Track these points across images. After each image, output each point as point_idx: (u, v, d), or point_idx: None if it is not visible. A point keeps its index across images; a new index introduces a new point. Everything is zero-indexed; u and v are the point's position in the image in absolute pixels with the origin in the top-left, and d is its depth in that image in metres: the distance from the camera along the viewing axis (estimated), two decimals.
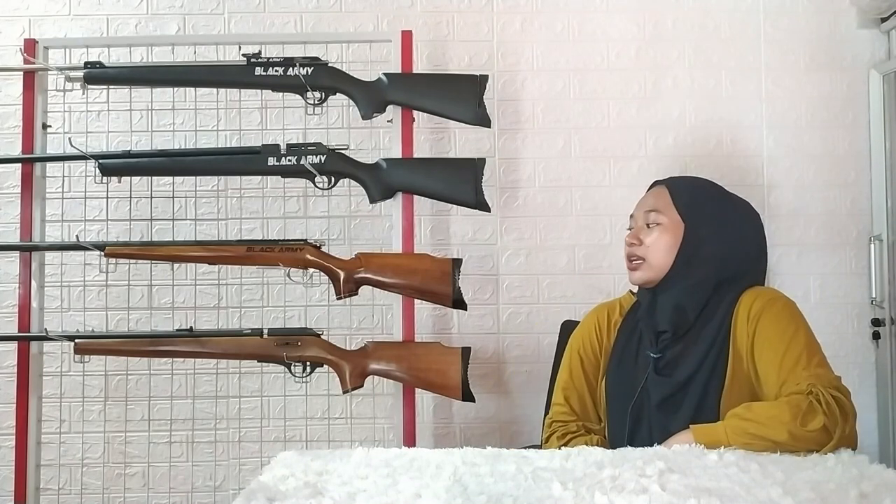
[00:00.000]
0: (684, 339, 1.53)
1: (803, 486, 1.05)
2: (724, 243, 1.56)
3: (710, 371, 1.48)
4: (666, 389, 1.50)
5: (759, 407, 1.34)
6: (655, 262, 1.55)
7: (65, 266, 2.28)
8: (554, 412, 1.66)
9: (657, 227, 1.57)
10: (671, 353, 1.53)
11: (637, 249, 1.58)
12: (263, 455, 2.25)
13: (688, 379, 1.48)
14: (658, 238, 1.56)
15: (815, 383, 1.34)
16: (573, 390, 1.65)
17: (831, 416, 1.29)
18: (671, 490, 1.02)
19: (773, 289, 1.60)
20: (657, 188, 1.63)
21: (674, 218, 1.56)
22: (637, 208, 1.64)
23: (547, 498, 1.01)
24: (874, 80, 2.39)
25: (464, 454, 1.24)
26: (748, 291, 1.55)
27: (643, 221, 1.59)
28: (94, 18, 2.42)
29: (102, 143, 2.30)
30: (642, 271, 1.57)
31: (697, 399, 1.47)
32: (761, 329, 1.47)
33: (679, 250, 1.54)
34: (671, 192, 1.59)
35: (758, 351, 1.46)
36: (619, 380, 1.59)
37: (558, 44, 2.43)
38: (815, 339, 1.48)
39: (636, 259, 1.58)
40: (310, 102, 2.08)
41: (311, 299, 2.25)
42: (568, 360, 1.69)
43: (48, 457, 2.21)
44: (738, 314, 1.51)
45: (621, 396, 1.57)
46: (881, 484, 1.08)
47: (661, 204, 1.58)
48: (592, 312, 1.72)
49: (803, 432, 1.28)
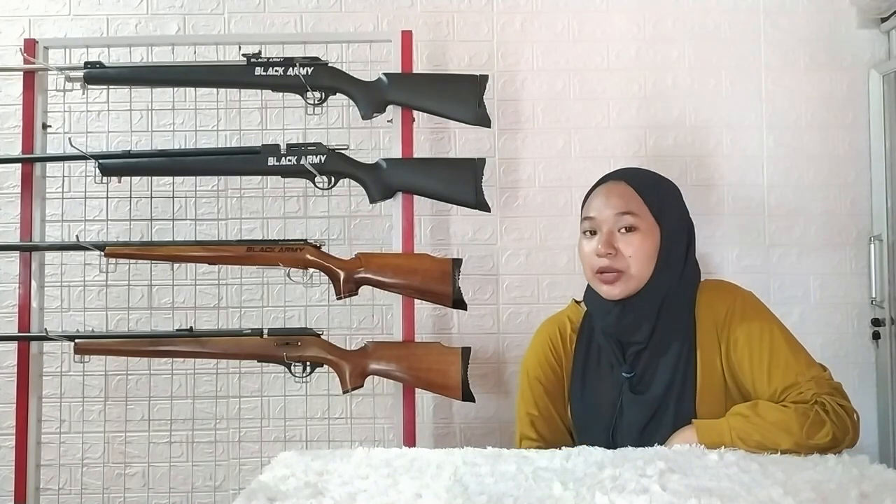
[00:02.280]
0: (650, 349, 1.44)
1: (804, 486, 1.05)
2: (685, 237, 1.48)
3: (682, 385, 1.40)
4: (644, 411, 1.41)
5: (766, 409, 1.31)
6: (638, 273, 1.40)
7: (65, 266, 2.28)
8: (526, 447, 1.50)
9: (635, 234, 1.41)
10: (641, 367, 1.44)
11: (616, 261, 1.40)
12: (263, 455, 2.25)
13: (663, 393, 1.40)
14: (640, 246, 1.40)
15: (818, 392, 1.32)
16: (542, 420, 1.53)
17: (840, 425, 1.28)
18: (672, 490, 1.02)
19: (724, 283, 1.52)
20: (617, 186, 1.46)
21: (649, 221, 1.42)
22: (599, 210, 1.44)
23: (547, 498, 1.02)
24: (874, 80, 2.39)
25: (464, 454, 1.24)
26: (702, 286, 1.47)
27: (614, 225, 1.42)
28: (94, 18, 2.42)
29: (102, 143, 2.30)
30: (623, 284, 1.40)
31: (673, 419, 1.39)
32: (736, 340, 1.40)
33: (659, 256, 1.42)
34: (639, 191, 1.44)
35: (738, 363, 1.40)
36: (588, 406, 1.48)
37: (558, 44, 2.43)
38: (788, 332, 1.42)
39: (611, 272, 1.40)
40: (310, 102, 2.08)
41: (311, 299, 2.25)
42: (528, 389, 1.55)
43: (48, 457, 2.21)
44: (699, 318, 1.44)
45: (593, 423, 1.47)
46: (881, 484, 1.08)
47: (633, 206, 1.42)
48: (542, 332, 1.59)
49: (810, 443, 1.26)
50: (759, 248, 2.39)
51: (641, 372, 1.45)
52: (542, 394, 1.54)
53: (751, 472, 1.11)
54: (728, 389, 1.42)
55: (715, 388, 1.41)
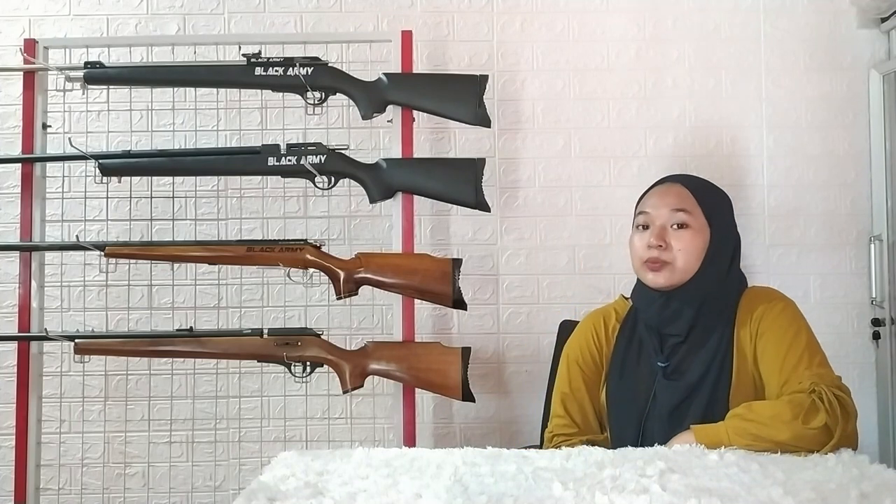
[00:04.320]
0: (688, 342, 1.50)
1: (804, 486, 1.05)
2: (732, 244, 1.56)
3: (718, 375, 1.46)
4: (676, 395, 1.46)
5: (760, 406, 1.34)
6: (684, 266, 1.48)
7: (65, 266, 2.28)
8: (554, 425, 1.59)
9: (687, 230, 1.49)
10: (677, 359, 1.50)
11: (664, 253, 1.49)
12: (263, 455, 2.25)
13: (697, 382, 1.46)
14: (690, 242, 1.49)
15: (817, 382, 1.35)
16: (573, 401, 1.58)
17: (833, 414, 1.29)
18: (672, 490, 1.02)
19: (771, 288, 1.60)
20: (674, 187, 1.55)
21: (701, 221, 1.50)
22: (654, 206, 1.53)
23: (547, 498, 1.01)
24: (874, 80, 2.39)
25: (464, 454, 1.24)
26: (748, 291, 1.55)
27: (667, 221, 1.50)
28: (94, 18, 2.42)
29: (102, 143, 2.29)
30: (667, 273, 1.48)
31: (705, 404, 1.44)
32: (763, 330, 1.46)
33: (706, 255, 1.49)
34: (694, 193, 1.52)
35: (760, 352, 1.46)
36: (624, 390, 1.54)
37: (558, 44, 2.43)
38: (815, 339, 1.48)
39: (659, 262, 1.49)
40: (310, 102, 2.08)
41: (311, 299, 2.25)
42: (566, 370, 1.61)
43: (48, 457, 2.21)
44: (739, 315, 1.50)
45: (627, 407, 1.52)
46: (881, 484, 1.08)
47: (688, 205, 1.51)
48: (587, 319, 1.65)
49: (805, 430, 1.28)
50: (759, 248, 2.39)
51: (677, 363, 1.50)
52: (578, 376, 1.60)
53: (751, 472, 1.11)
54: (756, 385, 1.46)
55: (747, 383, 1.46)
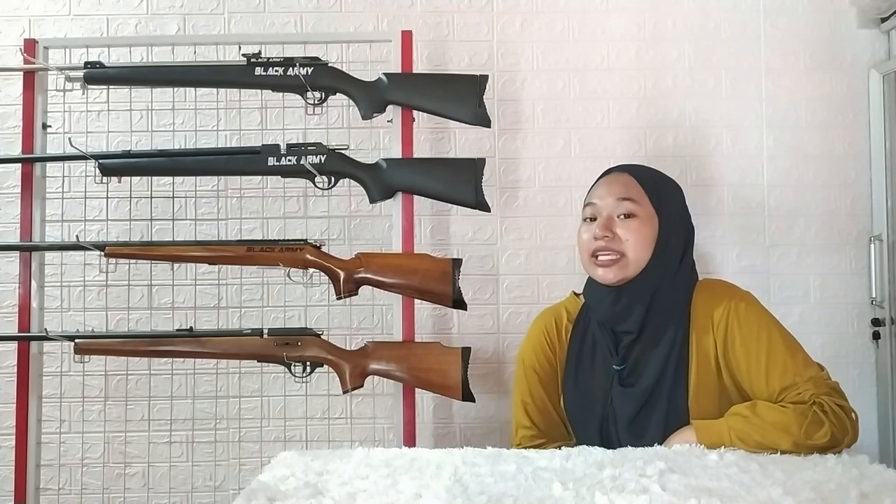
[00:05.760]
0: (642, 340, 1.46)
1: (804, 486, 1.05)
2: (683, 234, 1.51)
3: (674, 378, 1.42)
4: (632, 404, 1.43)
5: (766, 410, 1.31)
6: (635, 257, 1.44)
7: (65, 266, 2.28)
8: (521, 437, 1.55)
9: (634, 220, 1.45)
10: (632, 360, 1.46)
11: (612, 243, 1.44)
12: (263, 455, 2.25)
13: (653, 387, 1.42)
14: (638, 231, 1.44)
15: (816, 392, 1.32)
16: (536, 410, 1.55)
17: (839, 425, 1.28)
18: (671, 490, 1.02)
19: (724, 282, 1.55)
20: (621, 176, 1.51)
21: (648, 210, 1.46)
22: (601, 196, 1.49)
23: (547, 498, 1.02)
24: (874, 80, 2.39)
25: (464, 454, 1.24)
26: (700, 286, 1.50)
27: (614, 211, 1.46)
28: (94, 18, 2.42)
29: (102, 143, 2.29)
30: (619, 268, 1.44)
31: (664, 415, 1.40)
32: (733, 339, 1.41)
33: (656, 245, 1.45)
34: (641, 182, 1.49)
35: (735, 363, 1.41)
36: (580, 397, 1.50)
37: (558, 44, 2.43)
38: (786, 331, 1.44)
39: (609, 254, 1.44)
40: (310, 102, 2.08)
41: (311, 299, 2.25)
42: (524, 377, 1.58)
43: (48, 457, 2.21)
44: (695, 314, 1.45)
45: (585, 415, 1.49)
46: (881, 484, 1.08)
47: (634, 193, 1.47)
48: (538, 321, 1.62)
49: (809, 443, 1.27)
50: (759, 248, 2.39)
51: (632, 365, 1.46)
52: (536, 382, 1.56)
53: (750, 472, 1.11)
54: (725, 389, 1.43)
55: (709, 387, 1.42)
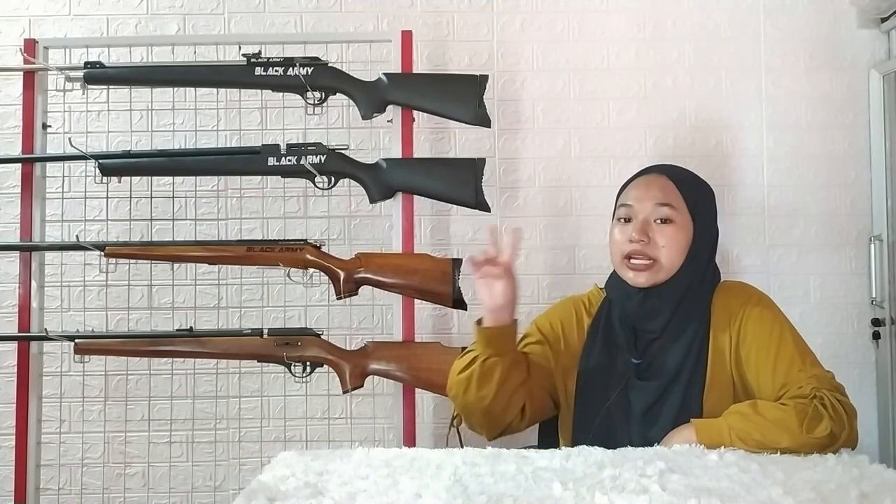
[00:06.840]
0: (662, 338, 1.46)
1: (804, 486, 1.05)
2: (713, 239, 1.52)
3: (691, 373, 1.42)
4: (649, 396, 1.43)
5: (766, 408, 1.30)
6: (669, 263, 1.42)
7: (65, 266, 2.28)
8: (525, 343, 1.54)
9: (671, 226, 1.43)
10: (650, 356, 1.46)
11: (647, 248, 1.42)
12: (263, 455, 2.24)
13: (670, 381, 1.42)
14: (674, 237, 1.43)
15: (817, 386, 1.32)
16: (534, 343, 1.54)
17: (838, 420, 1.28)
18: (672, 490, 1.02)
19: (744, 283, 1.55)
20: (658, 179, 1.49)
21: (685, 217, 1.45)
22: (637, 199, 1.46)
23: (547, 498, 1.01)
24: (874, 80, 2.39)
25: (464, 454, 1.23)
26: (721, 286, 1.50)
27: (651, 215, 1.44)
28: (94, 18, 2.42)
29: (102, 143, 2.29)
30: (651, 273, 1.42)
31: (678, 406, 1.40)
32: (746, 334, 1.43)
33: (689, 251, 1.44)
34: (679, 186, 1.47)
35: (745, 357, 1.42)
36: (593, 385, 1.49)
37: (558, 44, 2.43)
38: (800, 336, 1.45)
39: (643, 258, 1.42)
40: (310, 102, 2.08)
41: (311, 299, 2.25)
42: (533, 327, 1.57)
43: (48, 457, 2.21)
44: (714, 312, 1.46)
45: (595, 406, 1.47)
46: (881, 484, 1.08)
47: (672, 199, 1.45)
48: (560, 304, 1.61)
49: (810, 439, 1.26)
50: (759, 248, 2.39)
51: (650, 360, 1.46)
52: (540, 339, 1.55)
53: (751, 472, 1.11)
54: (735, 388, 1.43)
55: (723, 384, 1.43)
